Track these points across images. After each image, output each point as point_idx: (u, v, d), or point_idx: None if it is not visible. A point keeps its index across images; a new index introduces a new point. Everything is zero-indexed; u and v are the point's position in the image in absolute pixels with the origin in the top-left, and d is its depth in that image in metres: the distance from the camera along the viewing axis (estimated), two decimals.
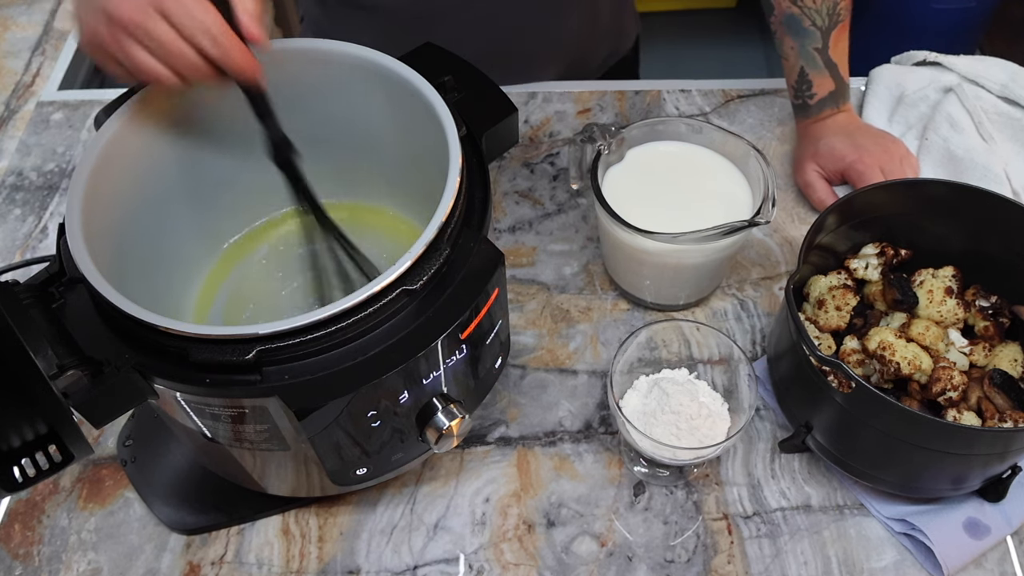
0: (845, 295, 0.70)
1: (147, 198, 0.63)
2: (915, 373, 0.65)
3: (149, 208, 0.63)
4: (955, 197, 0.70)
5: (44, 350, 0.46)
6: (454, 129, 0.57)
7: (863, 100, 0.94)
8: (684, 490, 0.70)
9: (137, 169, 0.61)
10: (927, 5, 1.81)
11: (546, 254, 0.85)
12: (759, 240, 0.85)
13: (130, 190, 0.61)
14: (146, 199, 0.62)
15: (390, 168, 0.70)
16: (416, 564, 0.67)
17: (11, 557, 0.67)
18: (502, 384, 0.76)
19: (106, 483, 0.71)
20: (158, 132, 0.62)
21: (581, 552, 0.67)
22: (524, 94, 0.98)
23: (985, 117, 0.88)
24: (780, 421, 0.73)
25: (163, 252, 0.66)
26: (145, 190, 0.62)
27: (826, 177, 0.85)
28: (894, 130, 0.91)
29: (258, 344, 0.49)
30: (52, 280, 0.53)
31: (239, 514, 0.69)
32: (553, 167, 0.92)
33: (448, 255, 0.53)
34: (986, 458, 0.61)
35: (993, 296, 0.71)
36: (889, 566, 0.66)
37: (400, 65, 0.62)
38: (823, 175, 0.85)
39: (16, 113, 1.00)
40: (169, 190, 0.64)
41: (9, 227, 0.89)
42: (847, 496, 0.69)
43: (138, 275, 0.60)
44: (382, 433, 0.56)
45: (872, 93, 0.94)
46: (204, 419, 0.55)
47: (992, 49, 1.94)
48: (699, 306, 0.81)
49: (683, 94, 0.98)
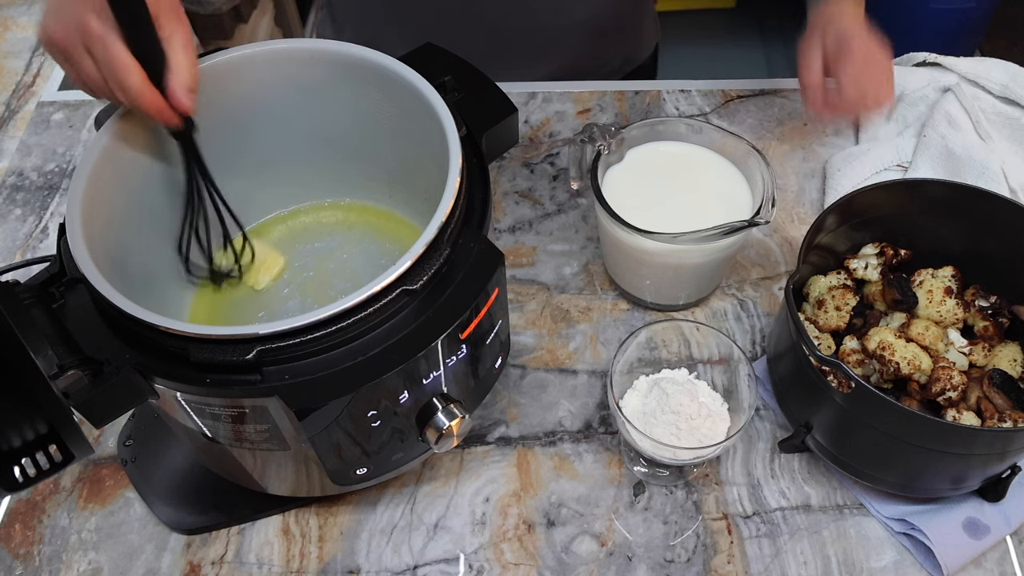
0: (845, 295, 0.70)
1: (147, 198, 0.63)
2: (915, 373, 0.65)
3: (149, 208, 0.63)
4: (955, 197, 0.70)
5: (44, 350, 0.46)
6: (454, 129, 0.57)
7: None
8: (684, 490, 0.70)
9: (137, 169, 0.61)
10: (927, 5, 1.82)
11: (546, 254, 0.85)
12: (759, 240, 0.85)
13: (130, 190, 0.61)
14: (146, 199, 0.63)
15: (390, 168, 0.70)
16: (416, 564, 0.67)
17: (11, 557, 0.67)
18: (502, 384, 0.76)
19: (106, 483, 0.71)
20: (158, 132, 0.62)
21: (581, 552, 0.67)
22: (524, 94, 0.98)
23: (983, 116, 0.88)
24: (780, 421, 0.73)
25: (163, 252, 0.66)
26: (145, 190, 0.62)
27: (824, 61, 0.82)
28: (892, 128, 0.91)
29: (258, 344, 0.49)
30: (52, 280, 0.53)
31: (239, 514, 0.69)
32: (553, 167, 0.92)
33: (448, 255, 0.53)
34: (985, 458, 0.61)
35: (993, 296, 0.71)
36: (889, 566, 0.66)
37: (400, 65, 0.62)
38: (823, 55, 0.82)
39: (17, 113, 1.00)
40: (170, 190, 0.64)
41: (9, 227, 0.89)
42: (847, 496, 0.69)
43: (138, 275, 0.60)
44: (382, 433, 0.56)
45: None
46: (204, 419, 0.55)
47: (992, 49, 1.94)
48: (699, 306, 0.81)
49: (683, 94, 0.98)
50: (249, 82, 0.64)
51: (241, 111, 0.65)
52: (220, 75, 0.61)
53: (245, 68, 0.63)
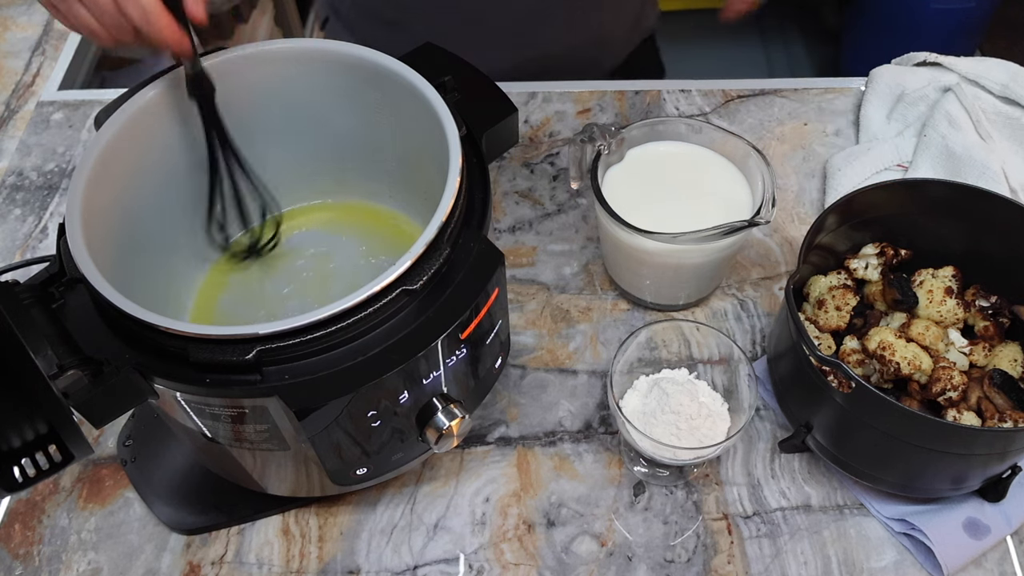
0: (845, 295, 0.70)
1: (147, 198, 0.63)
2: (915, 373, 0.65)
3: (149, 208, 0.63)
4: (955, 197, 0.70)
5: (44, 350, 0.46)
6: (454, 129, 0.57)
7: (862, 99, 0.94)
8: (684, 490, 0.70)
9: (137, 169, 0.61)
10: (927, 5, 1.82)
11: (546, 254, 0.85)
12: (759, 240, 0.85)
13: (130, 190, 0.61)
14: (146, 199, 0.63)
15: (390, 168, 0.70)
16: (416, 564, 0.67)
17: (11, 557, 0.67)
18: (502, 384, 0.76)
19: (106, 483, 0.71)
20: (158, 132, 0.62)
21: (581, 552, 0.67)
22: (524, 94, 0.98)
23: (983, 116, 0.88)
24: (780, 421, 0.73)
25: (163, 252, 0.66)
26: (145, 190, 0.62)
27: None
28: (892, 128, 0.91)
29: (258, 344, 0.49)
30: (52, 280, 0.53)
31: (239, 514, 0.69)
32: (553, 167, 0.92)
33: (448, 255, 0.53)
34: (986, 458, 0.61)
35: (993, 296, 0.71)
36: (889, 566, 0.66)
37: (400, 65, 0.62)
38: None
39: (16, 113, 1.00)
40: (169, 190, 0.64)
41: (9, 227, 0.89)
42: (847, 496, 0.69)
43: (138, 275, 0.60)
44: (382, 433, 0.56)
45: (872, 91, 0.94)
46: (204, 419, 0.55)
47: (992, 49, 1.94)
48: (699, 306, 0.81)
49: (683, 94, 0.98)
50: (249, 82, 0.64)
51: (241, 111, 0.65)
52: (220, 75, 0.61)
53: (245, 68, 0.63)
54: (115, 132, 0.58)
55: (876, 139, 0.91)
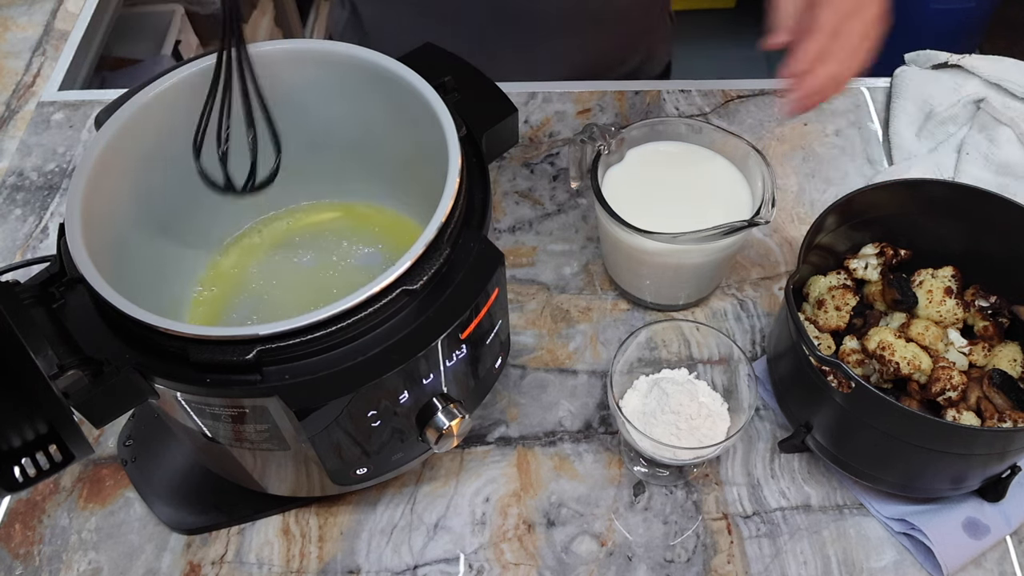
0: (845, 295, 0.70)
1: (147, 198, 0.63)
2: (915, 373, 0.65)
3: (149, 208, 0.63)
4: (955, 197, 0.70)
5: (44, 350, 0.46)
6: (454, 129, 0.57)
7: (888, 109, 0.94)
8: (684, 490, 0.70)
9: (137, 169, 0.61)
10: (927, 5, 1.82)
11: (546, 254, 0.85)
12: (759, 240, 0.85)
13: (130, 190, 0.61)
14: (146, 199, 0.63)
15: (390, 168, 0.70)
16: (416, 564, 0.67)
17: (11, 557, 0.67)
18: (502, 384, 0.76)
19: (106, 483, 0.71)
20: (158, 132, 0.62)
21: (581, 552, 0.67)
22: (524, 94, 0.98)
23: (1021, 123, 0.87)
24: (780, 421, 0.73)
25: (163, 252, 0.66)
26: (145, 190, 0.62)
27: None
28: (923, 145, 0.90)
29: (258, 344, 0.49)
30: (52, 280, 0.53)
31: (239, 514, 0.69)
32: (553, 167, 0.92)
33: (448, 255, 0.53)
34: (985, 458, 0.61)
35: (993, 296, 0.71)
36: (889, 566, 0.66)
37: (400, 65, 0.62)
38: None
39: (16, 113, 1.00)
40: (169, 190, 0.64)
41: (9, 227, 0.89)
42: (847, 496, 0.69)
43: (138, 275, 0.60)
44: (382, 433, 0.56)
45: (899, 105, 0.93)
46: (204, 419, 0.55)
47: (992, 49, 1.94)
48: (699, 306, 0.81)
49: (683, 94, 0.98)
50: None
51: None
52: None
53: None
54: (115, 132, 0.58)
55: (912, 155, 0.90)
